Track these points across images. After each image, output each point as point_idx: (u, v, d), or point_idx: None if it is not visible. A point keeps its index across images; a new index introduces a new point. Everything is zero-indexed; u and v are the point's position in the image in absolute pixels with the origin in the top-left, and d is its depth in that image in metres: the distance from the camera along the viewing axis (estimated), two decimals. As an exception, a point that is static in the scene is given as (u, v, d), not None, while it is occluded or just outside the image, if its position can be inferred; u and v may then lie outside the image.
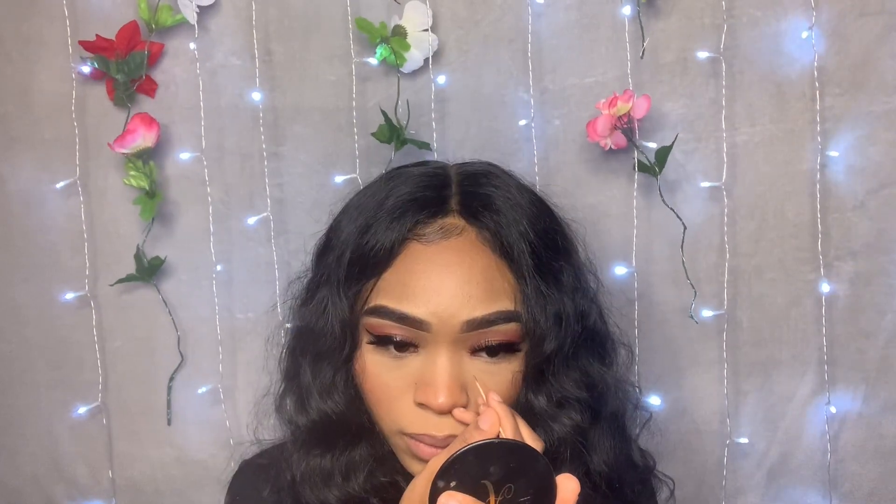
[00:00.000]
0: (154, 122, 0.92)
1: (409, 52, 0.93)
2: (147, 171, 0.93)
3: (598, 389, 0.69)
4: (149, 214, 0.94)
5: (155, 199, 0.94)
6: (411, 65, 0.93)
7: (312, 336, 0.69)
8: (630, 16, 0.92)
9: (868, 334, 0.96)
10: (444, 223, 0.66)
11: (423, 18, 0.92)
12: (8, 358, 1.01)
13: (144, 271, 0.96)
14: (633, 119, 0.89)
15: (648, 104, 0.89)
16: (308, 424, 0.70)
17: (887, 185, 0.94)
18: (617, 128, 0.90)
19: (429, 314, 0.62)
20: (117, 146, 0.91)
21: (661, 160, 0.91)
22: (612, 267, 0.95)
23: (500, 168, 0.72)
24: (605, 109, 0.88)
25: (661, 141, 0.93)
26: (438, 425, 0.63)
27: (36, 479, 1.02)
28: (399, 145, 0.92)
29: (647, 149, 0.93)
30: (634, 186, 0.94)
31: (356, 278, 0.66)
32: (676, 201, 0.95)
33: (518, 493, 0.54)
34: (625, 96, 0.88)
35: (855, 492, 0.99)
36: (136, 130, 0.91)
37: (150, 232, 0.96)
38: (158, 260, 0.96)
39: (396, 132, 0.92)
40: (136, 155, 0.92)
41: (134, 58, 0.94)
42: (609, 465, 0.69)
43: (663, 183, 0.93)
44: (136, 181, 0.93)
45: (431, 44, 0.93)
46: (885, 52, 0.92)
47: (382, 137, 0.92)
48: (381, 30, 0.92)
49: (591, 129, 0.90)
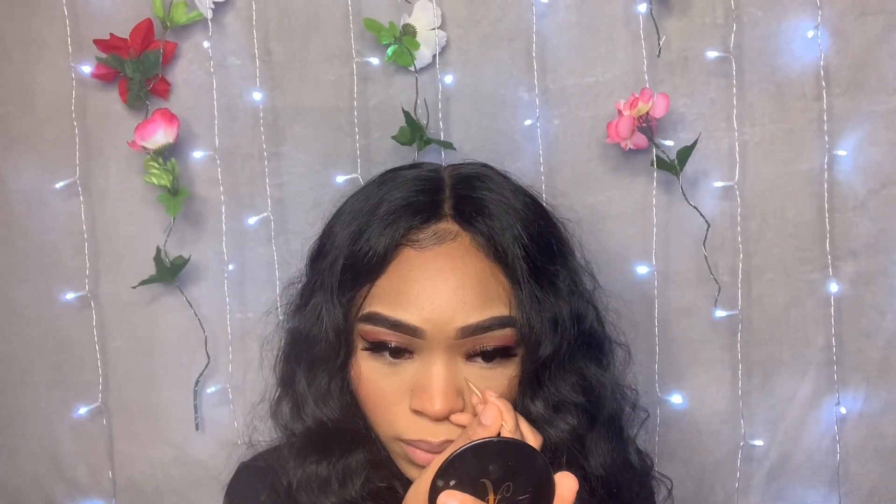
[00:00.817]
0: (175, 118, 0.91)
1: (419, 51, 0.93)
2: (169, 167, 0.92)
3: (595, 393, 0.69)
4: (174, 210, 0.92)
5: (179, 196, 0.93)
6: (419, 63, 0.93)
7: (307, 343, 0.69)
8: (643, 14, 0.91)
9: (869, 334, 0.96)
10: (437, 228, 0.65)
11: (432, 17, 0.92)
12: (8, 358, 1.01)
13: (166, 272, 0.94)
14: (652, 118, 0.89)
15: (668, 103, 0.88)
16: (304, 431, 0.69)
17: (888, 184, 0.94)
18: (637, 127, 0.89)
19: (423, 321, 0.62)
20: (138, 139, 0.90)
21: (683, 159, 0.90)
22: (613, 266, 0.95)
23: (495, 169, 0.72)
24: (626, 110, 0.88)
25: (662, 141, 0.93)
26: (434, 431, 0.63)
27: (36, 479, 1.03)
28: (422, 146, 0.92)
29: (666, 147, 0.92)
30: (654, 185, 0.94)
31: (350, 285, 0.65)
32: (679, 201, 0.95)
33: (517, 492, 0.54)
34: (644, 96, 0.87)
35: (855, 492, 0.99)
36: (156, 123, 0.90)
37: (171, 231, 0.95)
38: (182, 259, 0.95)
39: (419, 133, 0.91)
40: (157, 152, 0.91)
41: (148, 57, 0.93)
42: (606, 468, 0.69)
43: (666, 183, 0.93)
44: (157, 179, 0.92)
45: (439, 41, 0.93)
46: (885, 52, 0.92)
47: (404, 139, 0.91)
48: (392, 30, 0.92)
49: (611, 131, 0.89)
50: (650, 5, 0.91)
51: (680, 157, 0.91)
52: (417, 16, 0.93)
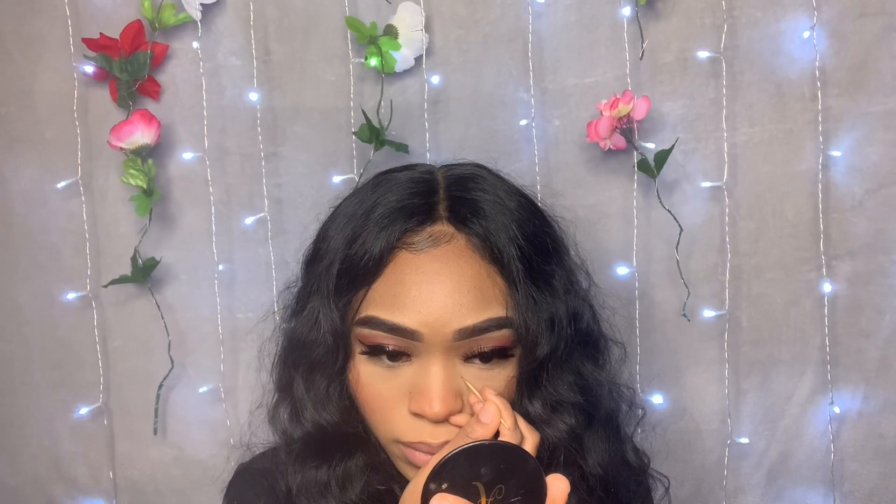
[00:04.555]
0: (154, 119, 0.91)
1: (400, 53, 0.92)
2: (145, 169, 0.93)
3: (592, 392, 0.69)
4: (144, 211, 0.93)
5: (152, 197, 0.93)
6: (402, 65, 0.93)
7: (305, 347, 0.68)
8: (629, 17, 0.92)
9: (867, 334, 0.96)
10: (432, 231, 0.65)
11: (417, 19, 0.92)
12: (8, 358, 1.01)
13: (139, 272, 0.95)
14: (633, 120, 0.90)
15: (648, 106, 0.89)
16: (303, 436, 0.69)
17: (886, 185, 0.94)
18: (617, 129, 0.90)
19: (420, 324, 0.62)
20: (114, 138, 0.90)
21: (660, 162, 0.91)
22: (613, 266, 0.95)
23: (488, 169, 0.71)
24: (606, 111, 0.89)
25: (661, 140, 0.93)
26: (434, 433, 0.63)
27: (36, 479, 1.03)
28: (378, 146, 0.92)
29: (646, 149, 0.93)
30: (634, 187, 0.94)
31: (346, 289, 0.65)
32: (675, 201, 0.95)
33: (509, 494, 0.54)
34: (625, 98, 0.88)
35: (855, 492, 0.99)
36: (133, 124, 0.90)
37: (146, 232, 0.95)
38: (153, 261, 0.96)
39: (376, 133, 0.92)
40: (135, 152, 0.91)
41: (137, 57, 0.94)
42: (604, 467, 0.69)
43: (663, 183, 0.93)
44: (133, 179, 0.92)
45: (424, 43, 0.93)
46: (884, 52, 0.92)
47: (363, 137, 0.92)
48: (371, 30, 0.92)
49: (591, 130, 0.90)
50: (636, 8, 0.92)
51: (657, 160, 0.91)
52: (401, 17, 0.92)
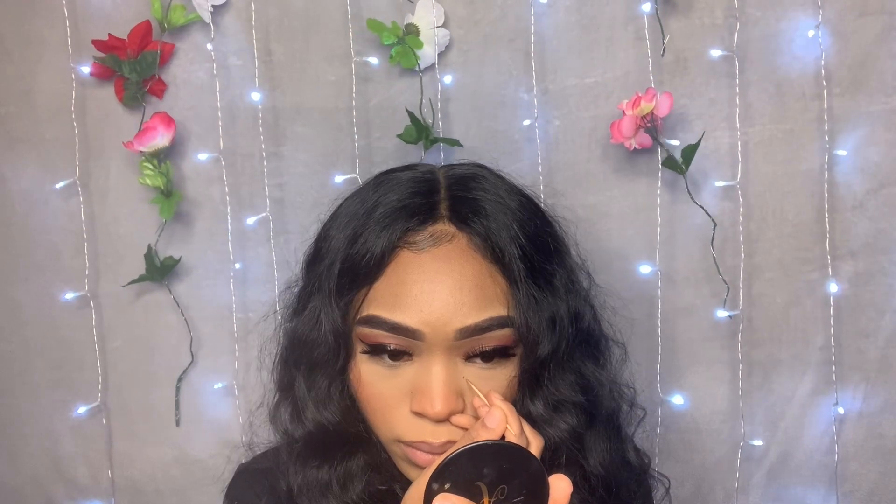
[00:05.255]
0: (172, 121, 0.92)
1: (423, 51, 0.93)
2: (164, 170, 0.93)
3: (593, 392, 0.69)
4: (168, 213, 0.93)
5: (173, 198, 0.93)
6: (423, 63, 0.93)
7: (306, 346, 0.68)
8: (649, 13, 0.92)
9: (868, 334, 0.96)
10: (434, 230, 0.65)
11: (434, 16, 0.92)
12: (8, 358, 1.01)
13: (156, 271, 0.95)
14: (657, 118, 0.89)
15: (671, 102, 0.88)
16: (305, 436, 0.69)
17: (887, 184, 0.94)
18: (641, 127, 0.89)
19: (421, 323, 0.62)
20: (137, 143, 0.90)
21: (688, 158, 0.90)
22: (612, 266, 0.95)
23: (489, 169, 0.71)
24: (629, 110, 0.88)
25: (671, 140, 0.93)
26: (435, 432, 0.63)
27: (36, 479, 1.03)
28: (428, 145, 0.92)
29: (670, 146, 0.93)
30: (658, 185, 0.94)
31: (347, 288, 0.65)
32: (682, 201, 0.95)
33: (511, 494, 0.54)
34: (647, 95, 0.87)
35: (855, 491, 0.99)
36: (155, 129, 0.91)
37: (162, 231, 0.95)
38: (172, 260, 0.96)
39: (425, 132, 0.91)
40: (153, 154, 0.92)
41: (146, 57, 0.94)
42: (605, 467, 0.69)
43: (671, 181, 0.93)
44: (151, 180, 0.93)
45: (442, 39, 0.93)
46: (884, 52, 0.92)
47: (409, 138, 0.91)
48: (395, 30, 0.92)
49: (615, 131, 0.90)
50: (655, 4, 0.91)
51: (685, 155, 0.90)
52: (420, 14, 0.93)
